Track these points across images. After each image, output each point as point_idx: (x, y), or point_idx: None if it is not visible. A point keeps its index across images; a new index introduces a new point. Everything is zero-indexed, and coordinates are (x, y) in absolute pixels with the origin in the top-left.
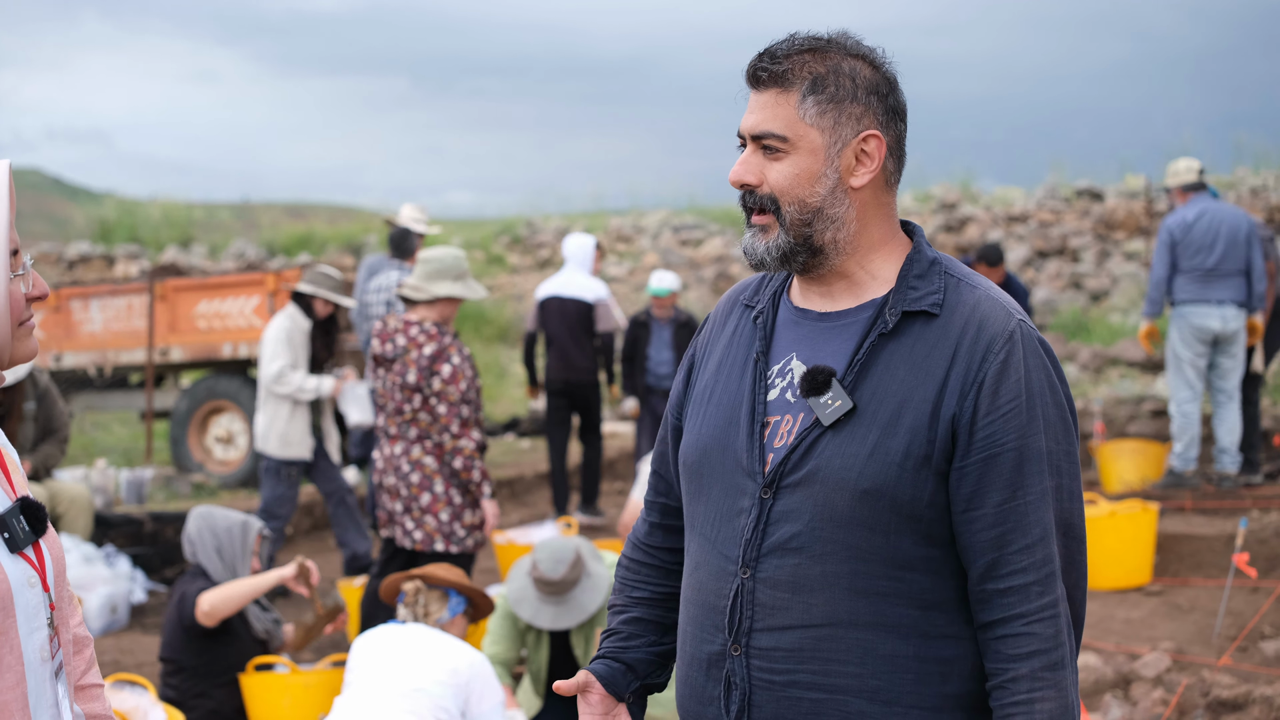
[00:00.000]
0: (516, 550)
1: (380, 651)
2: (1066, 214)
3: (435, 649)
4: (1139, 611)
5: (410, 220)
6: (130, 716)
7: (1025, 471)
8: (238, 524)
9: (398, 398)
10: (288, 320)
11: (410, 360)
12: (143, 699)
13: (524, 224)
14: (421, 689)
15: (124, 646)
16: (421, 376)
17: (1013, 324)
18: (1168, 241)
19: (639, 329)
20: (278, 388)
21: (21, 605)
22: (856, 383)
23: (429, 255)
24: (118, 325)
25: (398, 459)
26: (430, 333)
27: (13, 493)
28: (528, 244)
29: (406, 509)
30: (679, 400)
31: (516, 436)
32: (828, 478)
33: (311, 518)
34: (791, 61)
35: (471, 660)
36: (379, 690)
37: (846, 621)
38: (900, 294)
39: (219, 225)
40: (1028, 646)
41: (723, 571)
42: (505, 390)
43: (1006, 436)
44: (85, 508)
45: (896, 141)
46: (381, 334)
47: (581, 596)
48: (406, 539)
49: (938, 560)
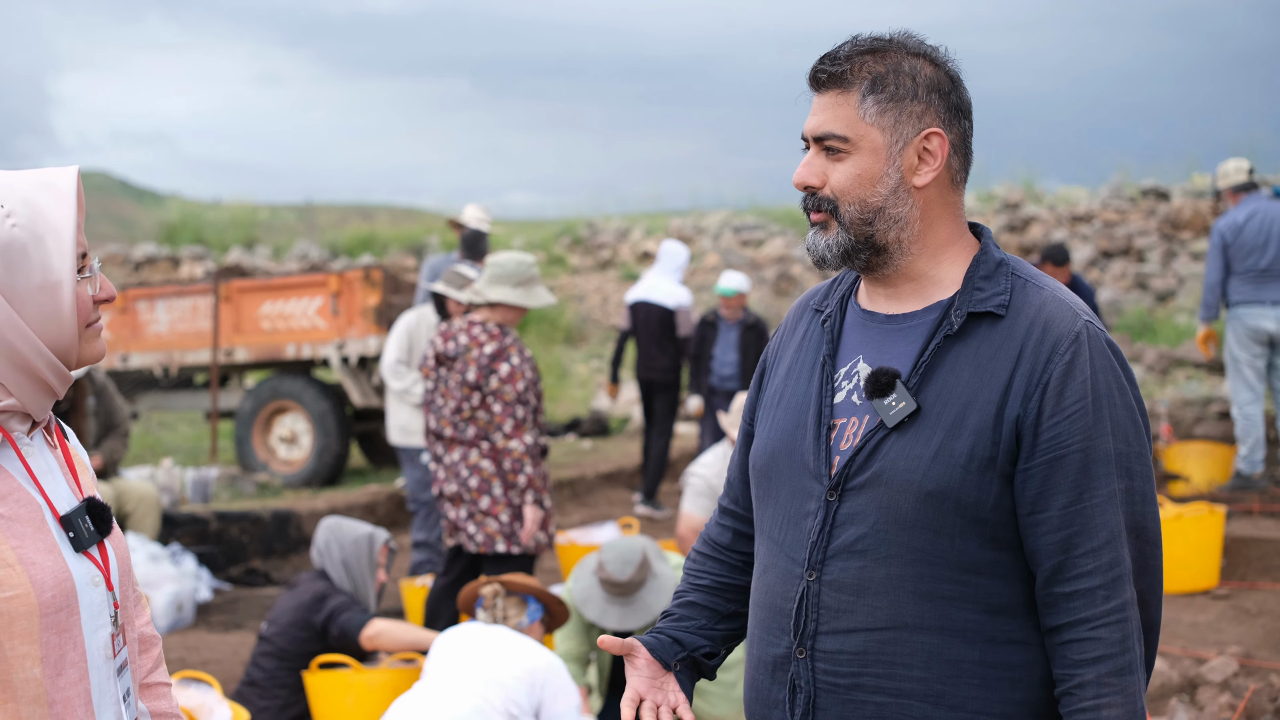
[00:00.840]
0: (578, 550)
1: (460, 646)
2: (1132, 214)
3: (515, 647)
4: (1206, 615)
5: (474, 220)
6: (196, 713)
7: (1091, 474)
8: (364, 539)
9: (457, 396)
10: (416, 316)
11: (471, 358)
12: (208, 696)
13: (584, 225)
14: (497, 681)
15: (190, 644)
16: (480, 374)
17: (1079, 325)
18: (1219, 244)
19: (707, 329)
20: (391, 381)
21: (85, 604)
22: (921, 384)
23: (495, 259)
24: (183, 326)
25: (456, 465)
26: (492, 332)
27: (80, 493)
28: (588, 245)
29: (470, 515)
30: (752, 406)
31: (578, 437)
32: (892, 480)
33: (375, 516)
34: (851, 62)
35: (549, 662)
36: (453, 680)
37: (911, 625)
38: (966, 295)
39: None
40: (1094, 651)
41: (789, 574)
42: (567, 391)
43: (1072, 438)
44: (153, 507)
45: (961, 139)
46: (445, 333)
47: (648, 597)
48: (470, 543)
49: (1004, 564)
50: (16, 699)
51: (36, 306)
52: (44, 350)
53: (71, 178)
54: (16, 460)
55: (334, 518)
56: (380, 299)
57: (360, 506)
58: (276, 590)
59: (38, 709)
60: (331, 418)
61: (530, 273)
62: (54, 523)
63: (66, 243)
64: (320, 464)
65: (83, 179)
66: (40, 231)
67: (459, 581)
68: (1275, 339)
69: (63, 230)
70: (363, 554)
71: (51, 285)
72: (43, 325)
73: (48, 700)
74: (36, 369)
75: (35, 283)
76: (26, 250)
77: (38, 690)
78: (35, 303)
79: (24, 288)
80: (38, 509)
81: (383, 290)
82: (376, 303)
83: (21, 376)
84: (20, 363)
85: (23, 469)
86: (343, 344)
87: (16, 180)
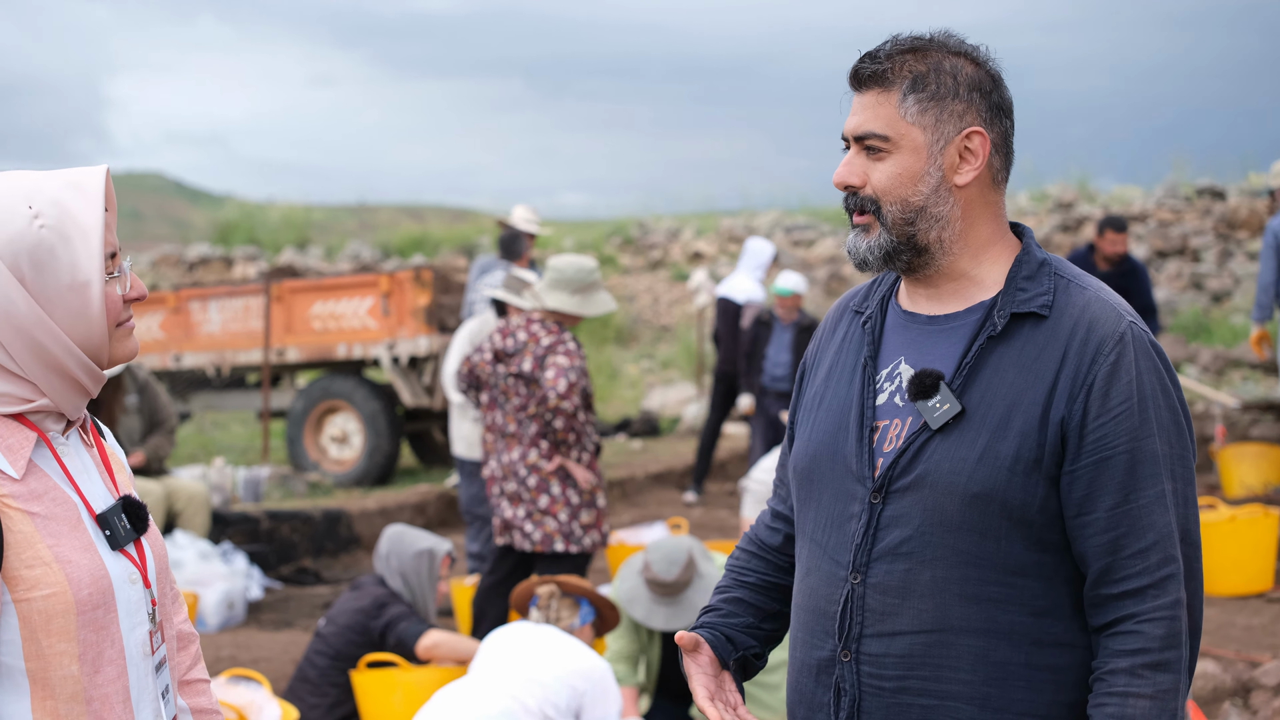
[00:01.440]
0: (627, 550)
1: (507, 643)
2: (1187, 213)
3: (563, 648)
4: (1260, 619)
5: (522, 221)
6: (245, 711)
7: (1138, 474)
8: (424, 554)
9: (523, 392)
10: (478, 323)
11: (528, 352)
12: (258, 694)
13: (635, 225)
14: (537, 680)
15: (240, 642)
16: (536, 365)
17: (1123, 325)
18: (1273, 244)
19: (761, 328)
20: (452, 394)
21: (123, 601)
22: (965, 386)
23: (555, 263)
24: (235, 326)
25: (515, 464)
26: (550, 329)
27: (115, 491)
28: (639, 245)
29: (527, 513)
30: (793, 409)
31: (628, 437)
32: (937, 482)
33: (425, 516)
34: (892, 61)
35: (595, 665)
36: (492, 676)
37: (957, 628)
38: (1009, 296)
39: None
40: (1134, 644)
41: (833, 577)
42: (617, 391)
43: (1118, 439)
44: (203, 505)
45: (1002, 138)
46: (503, 330)
47: (694, 597)
48: (526, 541)
49: (1050, 566)
50: (55, 696)
51: (65, 306)
52: (74, 349)
53: (99, 177)
54: (52, 459)
55: (398, 527)
56: (431, 299)
57: (410, 506)
58: (327, 589)
59: (75, 706)
60: (382, 417)
61: (590, 279)
62: (90, 521)
63: (94, 242)
64: (371, 464)
65: (138, 180)
66: (68, 232)
67: (506, 580)
68: None
69: (90, 230)
70: (422, 569)
71: (80, 285)
72: (72, 325)
73: (85, 697)
74: (68, 368)
75: (64, 283)
76: (55, 251)
77: (75, 687)
78: (64, 303)
79: (53, 288)
80: (74, 508)
81: (433, 290)
82: (427, 303)
83: (53, 376)
84: (51, 362)
85: (58, 468)
86: (393, 344)
87: (45, 181)
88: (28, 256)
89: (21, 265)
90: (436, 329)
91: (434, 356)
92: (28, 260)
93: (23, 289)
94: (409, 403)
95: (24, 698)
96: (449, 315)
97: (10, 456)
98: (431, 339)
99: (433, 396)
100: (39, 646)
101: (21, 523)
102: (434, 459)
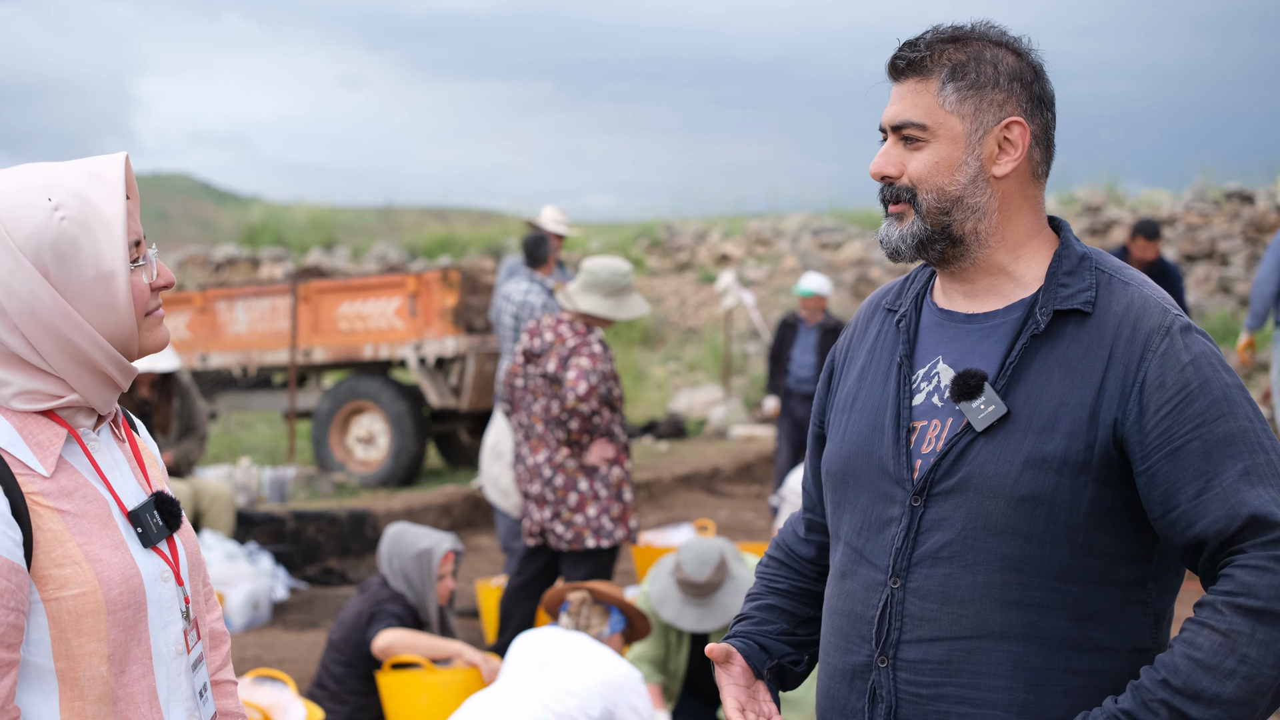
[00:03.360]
0: (655, 552)
1: (539, 651)
2: (1215, 217)
3: (594, 657)
4: None
5: (551, 222)
6: (271, 711)
7: (1213, 458)
8: (424, 554)
9: (548, 392)
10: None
11: (554, 353)
12: (283, 694)
13: (663, 227)
14: (570, 691)
15: (265, 642)
16: (560, 366)
17: (1169, 319)
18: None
19: (786, 330)
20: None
21: (154, 599)
22: (1009, 387)
23: (590, 265)
24: (262, 326)
25: (540, 466)
26: (578, 330)
27: (148, 488)
28: (667, 247)
29: (556, 514)
30: (821, 409)
31: (655, 439)
32: (982, 485)
33: (450, 517)
34: (931, 50)
35: (627, 674)
36: (525, 685)
37: (998, 634)
38: (1051, 292)
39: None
40: (1229, 586)
41: (871, 581)
42: (644, 393)
43: (1183, 427)
44: (227, 505)
45: (1043, 130)
46: (532, 330)
47: (725, 599)
48: (560, 542)
49: (1096, 570)
50: (83, 697)
51: (91, 299)
52: (103, 343)
53: (119, 166)
54: (83, 456)
55: (398, 526)
56: (458, 300)
57: (436, 507)
58: (352, 590)
59: (103, 707)
60: (409, 418)
61: (624, 282)
62: (121, 519)
63: (117, 232)
64: (397, 464)
65: (165, 181)
66: (90, 223)
67: (533, 582)
68: None
69: (113, 220)
70: (423, 568)
71: (105, 276)
72: (100, 317)
73: (113, 698)
74: (96, 362)
75: (89, 275)
76: (77, 242)
77: (104, 688)
78: (90, 295)
79: (77, 281)
80: (105, 505)
81: (460, 291)
82: (454, 304)
83: (82, 371)
84: (79, 357)
85: (89, 465)
86: (420, 345)
87: (64, 171)
88: (50, 250)
89: (45, 259)
90: (464, 330)
91: (461, 357)
92: (50, 253)
93: (47, 283)
94: (435, 403)
95: (53, 698)
96: (476, 316)
97: (40, 453)
98: (459, 340)
99: (459, 397)
100: (68, 646)
101: (52, 521)
102: (460, 460)
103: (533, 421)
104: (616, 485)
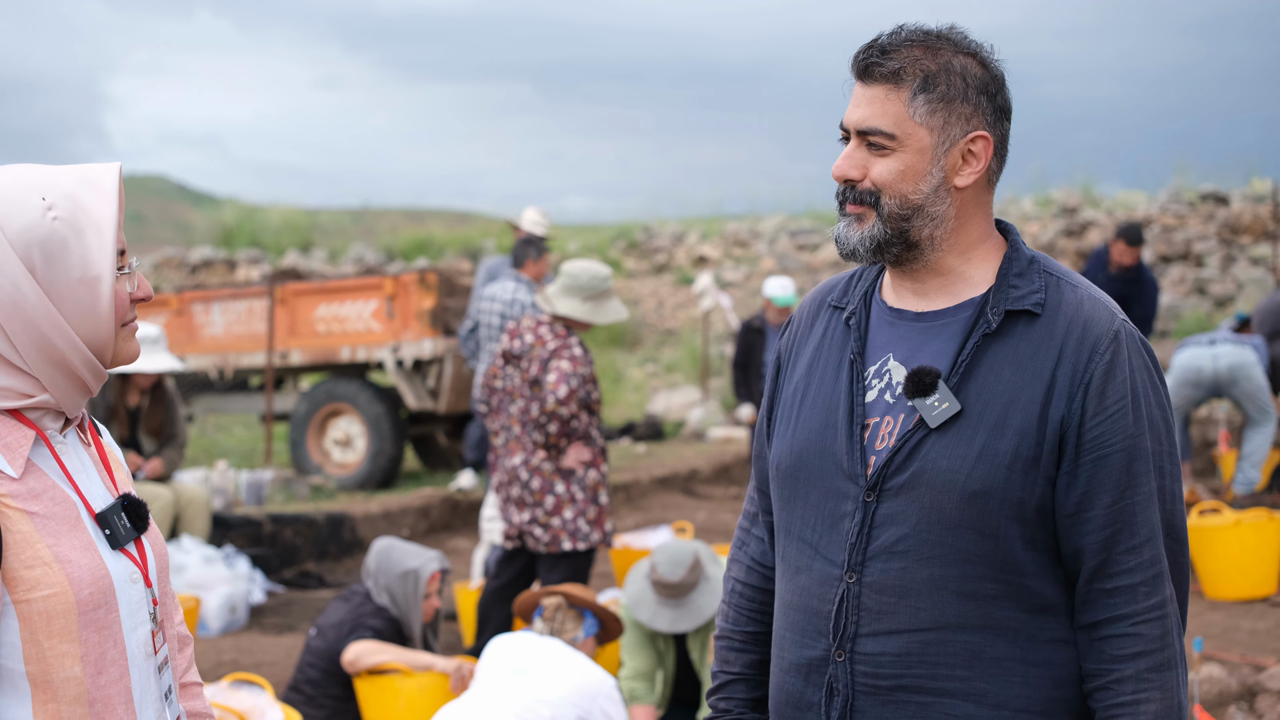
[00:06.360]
0: (632, 555)
1: (513, 656)
2: (1190, 218)
3: (568, 665)
4: (1265, 623)
5: (531, 224)
6: (248, 716)
7: (1133, 471)
8: (410, 575)
9: (527, 394)
10: None
11: (534, 355)
12: (260, 698)
13: (641, 229)
14: (544, 700)
15: (242, 646)
16: (541, 368)
17: (1116, 324)
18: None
19: (753, 335)
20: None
21: (124, 600)
22: (961, 384)
23: (569, 269)
24: (238, 329)
25: (518, 469)
26: (558, 333)
27: (115, 490)
28: (644, 249)
29: (533, 517)
30: (769, 406)
31: (632, 441)
32: (934, 480)
33: (428, 520)
34: (903, 57)
35: (601, 682)
36: (500, 693)
37: (955, 625)
38: (1001, 293)
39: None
40: (1134, 647)
41: (827, 576)
42: (621, 395)
43: (1114, 437)
44: (203, 509)
45: (1001, 141)
46: (512, 331)
47: (700, 600)
48: (539, 545)
49: (1044, 564)
50: (58, 699)
51: (75, 301)
52: (80, 345)
53: (114, 174)
54: (50, 458)
55: (386, 541)
56: (435, 302)
57: (414, 510)
58: (330, 593)
59: (78, 708)
60: (386, 421)
61: (603, 286)
62: (90, 521)
63: (108, 238)
64: (374, 467)
65: (141, 183)
66: (81, 225)
67: (511, 585)
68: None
69: (104, 225)
70: (409, 589)
71: (91, 280)
72: (80, 320)
73: (89, 699)
74: (71, 364)
75: (74, 276)
76: (67, 243)
77: (79, 689)
78: (74, 297)
79: (63, 281)
80: (73, 507)
81: (438, 293)
82: (431, 306)
83: (56, 372)
84: (55, 357)
85: (57, 467)
86: (397, 347)
87: (59, 174)
88: (40, 248)
89: (33, 257)
90: (441, 332)
91: (438, 360)
92: (39, 252)
93: (33, 280)
94: (413, 406)
95: (25, 701)
96: (453, 318)
97: (8, 455)
98: (436, 342)
99: (437, 400)
100: (40, 649)
101: (20, 522)
102: (438, 462)
103: (511, 423)
104: (593, 488)
